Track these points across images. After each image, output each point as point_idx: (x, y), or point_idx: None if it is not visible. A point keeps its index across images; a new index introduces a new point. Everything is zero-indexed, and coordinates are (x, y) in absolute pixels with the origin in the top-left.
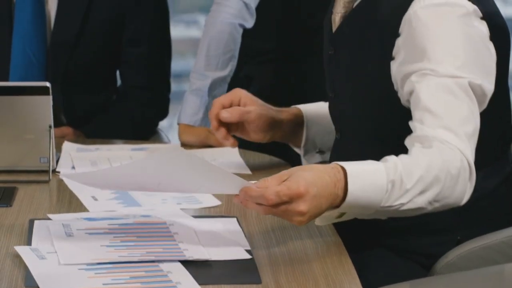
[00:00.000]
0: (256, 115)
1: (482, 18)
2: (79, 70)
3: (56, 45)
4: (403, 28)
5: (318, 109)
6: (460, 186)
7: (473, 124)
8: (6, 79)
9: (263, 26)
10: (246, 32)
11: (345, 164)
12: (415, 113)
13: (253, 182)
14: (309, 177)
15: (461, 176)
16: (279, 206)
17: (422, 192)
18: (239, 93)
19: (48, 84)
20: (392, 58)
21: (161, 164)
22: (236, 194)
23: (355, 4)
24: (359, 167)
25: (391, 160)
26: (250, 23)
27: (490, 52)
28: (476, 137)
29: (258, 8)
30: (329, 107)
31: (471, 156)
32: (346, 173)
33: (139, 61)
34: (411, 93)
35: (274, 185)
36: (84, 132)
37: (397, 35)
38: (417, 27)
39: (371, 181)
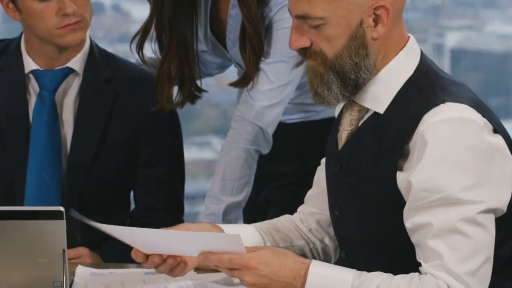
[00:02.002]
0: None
1: (495, 132)
2: (94, 193)
3: (72, 168)
4: (415, 142)
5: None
6: None
7: (479, 258)
8: (22, 202)
9: (281, 150)
10: (265, 156)
11: (314, 264)
12: (419, 248)
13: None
14: (269, 259)
15: None
16: (233, 271)
17: None
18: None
19: (61, 208)
20: (400, 169)
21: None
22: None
23: (362, 121)
24: (325, 272)
25: (366, 276)
26: (266, 149)
27: (509, 162)
28: (486, 266)
29: (275, 134)
30: (333, 226)
31: None
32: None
33: (154, 183)
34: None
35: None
36: (100, 253)
37: (406, 148)
38: (430, 143)
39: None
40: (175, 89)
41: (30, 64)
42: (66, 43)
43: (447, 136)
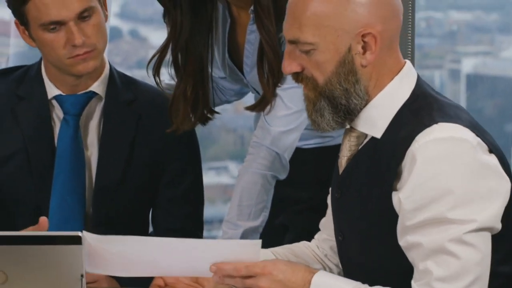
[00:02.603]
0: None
1: (490, 152)
2: (118, 215)
3: (99, 191)
4: (406, 161)
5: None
6: None
7: (467, 278)
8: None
9: (298, 175)
10: (282, 181)
11: (320, 273)
12: (414, 267)
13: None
14: (283, 266)
15: None
16: (247, 279)
17: None
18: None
19: (79, 233)
20: (395, 190)
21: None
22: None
23: (360, 147)
24: (328, 281)
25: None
26: (283, 174)
27: (501, 180)
28: (477, 285)
29: (292, 159)
30: (338, 252)
31: None
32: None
33: (175, 203)
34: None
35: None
36: (117, 278)
37: (399, 168)
38: (420, 162)
39: None
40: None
41: (52, 90)
42: (78, 72)
43: (437, 155)
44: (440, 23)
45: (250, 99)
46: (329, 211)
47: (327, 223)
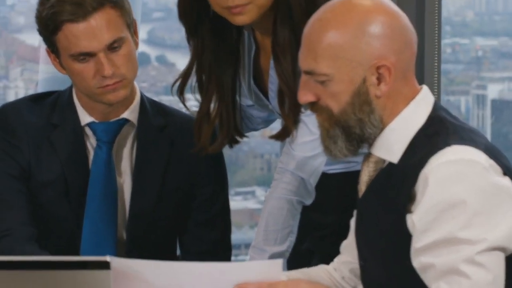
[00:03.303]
0: None
1: (504, 174)
2: (151, 240)
3: (133, 218)
4: (419, 184)
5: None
6: None
7: None
8: (77, 252)
9: (323, 200)
10: (307, 206)
11: None
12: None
13: None
14: (304, 285)
15: None
16: None
17: None
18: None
19: (108, 258)
20: (409, 212)
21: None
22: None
23: (378, 172)
24: None
25: None
26: (309, 199)
27: None
28: None
29: (317, 183)
30: (361, 276)
31: None
32: None
33: (205, 227)
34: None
35: None
36: None
37: (413, 191)
38: (432, 184)
39: None
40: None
41: (85, 117)
42: (108, 101)
43: (449, 176)
44: (466, 49)
45: (277, 125)
46: (351, 234)
47: (348, 246)
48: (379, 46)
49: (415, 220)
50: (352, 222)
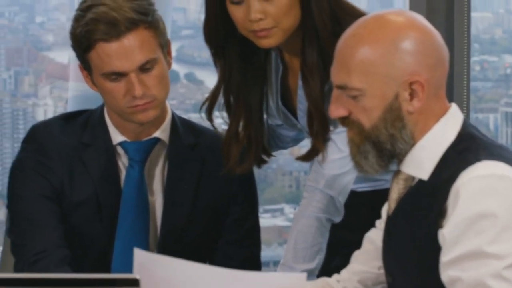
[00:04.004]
0: None
1: None
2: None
3: (164, 236)
4: (450, 198)
5: None
6: None
7: None
8: (108, 270)
9: (352, 218)
10: (337, 223)
11: None
12: None
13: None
14: None
15: None
16: None
17: None
18: None
19: (137, 276)
20: (440, 227)
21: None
22: None
23: (408, 189)
24: None
25: None
26: (338, 217)
27: None
28: None
29: (346, 201)
30: None
31: None
32: None
33: (235, 245)
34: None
35: None
36: None
37: (444, 206)
38: (463, 198)
39: None
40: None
41: (117, 136)
42: (138, 121)
43: (479, 191)
44: (494, 66)
45: (306, 142)
46: (368, 243)
47: (361, 255)
48: (413, 62)
49: (445, 233)
50: (372, 230)
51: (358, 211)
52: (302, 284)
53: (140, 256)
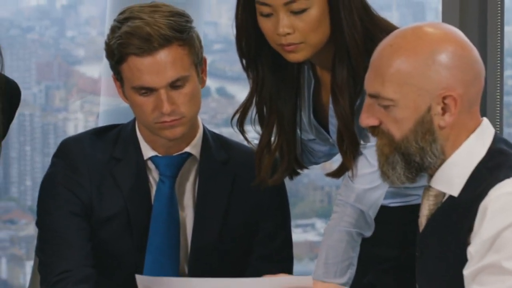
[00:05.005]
0: None
1: None
2: (212, 275)
3: (195, 252)
4: (479, 215)
5: None
6: None
7: None
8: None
9: (384, 234)
10: (369, 239)
11: None
12: None
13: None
14: None
15: None
16: None
17: None
18: None
19: None
20: (469, 244)
21: None
22: None
23: (438, 206)
24: None
25: None
26: (368, 231)
27: None
28: None
29: (378, 217)
30: None
31: None
32: None
33: (267, 261)
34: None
35: None
36: None
37: (474, 223)
38: (490, 215)
39: None
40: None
41: (148, 151)
42: (165, 137)
43: (506, 207)
44: None
45: (338, 157)
46: None
47: None
48: (448, 76)
49: (472, 251)
50: None
51: (390, 226)
52: (308, 285)
53: (143, 280)
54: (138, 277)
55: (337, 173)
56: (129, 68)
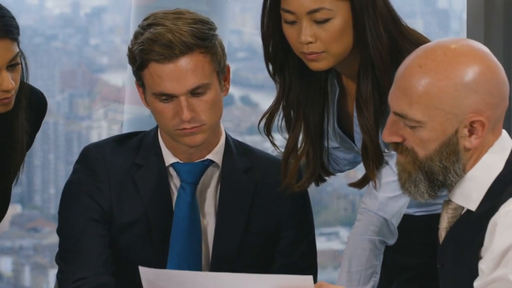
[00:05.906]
0: None
1: None
2: None
3: (216, 259)
4: (489, 230)
5: None
6: None
7: None
8: None
9: (408, 242)
10: (393, 248)
11: None
12: None
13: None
14: None
15: None
16: None
17: None
18: None
19: None
20: (480, 258)
21: None
22: None
23: (457, 219)
24: None
25: None
26: (391, 240)
27: None
28: None
29: (402, 226)
30: None
31: None
32: None
33: (288, 271)
34: None
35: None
36: None
37: (485, 238)
38: (499, 231)
39: None
40: None
41: (170, 158)
42: (185, 144)
43: None
44: None
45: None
46: None
47: None
48: (478, 100)
49: (482, 266)
50: None
51: (414, 235)
52: (309, 285)
53: (146, 273)
54: (142, 269)
55: (359, 184)
56: (150, 75)
